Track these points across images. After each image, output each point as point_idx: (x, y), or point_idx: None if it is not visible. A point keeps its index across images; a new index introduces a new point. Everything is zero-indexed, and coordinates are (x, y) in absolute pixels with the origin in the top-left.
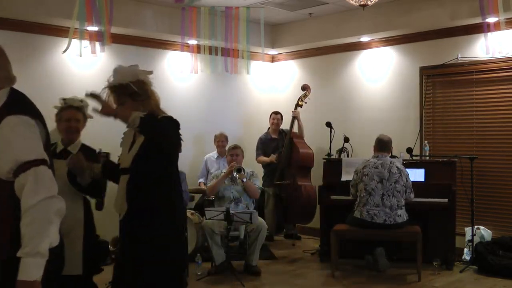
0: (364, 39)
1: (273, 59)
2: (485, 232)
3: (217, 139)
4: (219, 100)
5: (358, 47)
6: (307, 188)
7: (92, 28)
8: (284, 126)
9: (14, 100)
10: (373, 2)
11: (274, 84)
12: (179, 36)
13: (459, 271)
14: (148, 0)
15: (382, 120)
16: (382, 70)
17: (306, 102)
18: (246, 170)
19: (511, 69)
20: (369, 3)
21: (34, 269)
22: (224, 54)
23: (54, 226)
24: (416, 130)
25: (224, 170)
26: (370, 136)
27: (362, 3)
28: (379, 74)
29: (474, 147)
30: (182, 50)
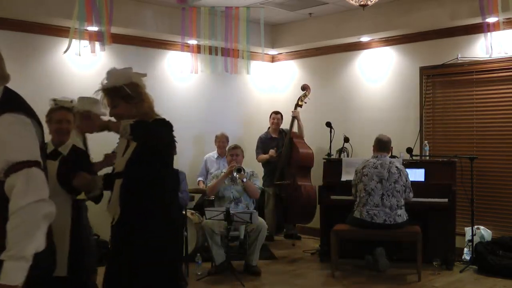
0: (364, 39)
1: (273, 59)
2: (485, 232)
3: (218, 140)
4: (219, 100)
5: (358, 47)
6: (307, 188)
7: (92, 28)
8: (284, 126)
9: (8, 98)
10: (373, 2)
11: (274, 84)
12: (179, 36)
13: (459, 271)
14: (148, 0)
15: (382, 120)
16: (382, 70)
17: (306, 102)
18: (246, 170)
19: (511, 69)
20: (369, 3)
21: (17, 273)
22: (224, 54)
23: (41, 230)
24: (416, 130)
25: (224, 170)
26: (370, 136)
27: (362, 3)
28: (379, 74)
29: (474, 147)
30: (182, 50)
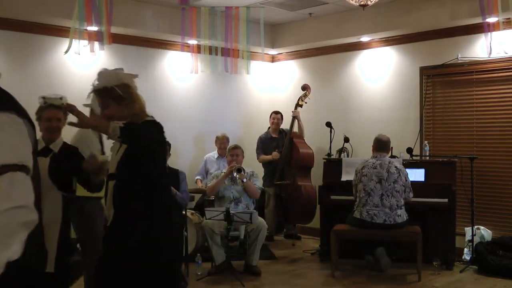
0: (364, 39)
1: (273, 59)
2: (485, 232)
3: (219, 141)
4: (219, 100)
5: (358, 47)
6: (307, 188)
7: (92, 28)
8: (284, 126)
9: None
10: (373, 2)
11: (274, 84)
12: (179, 36)
13: (459, 271)
14: (148, 0)
15: (382, 120)
16: (382, 70)
17: (306, 102)
18: (246, 170)
19: (511, 69)
20: (369, 3)
21: None
22: (224, 54)
23: (19, 238)
24: (416, 130)
25: (224, 170)
26: (370, 136)
27: (362, 3)
28: (379, 74)
29: (474, 147)
30: (182, 50)
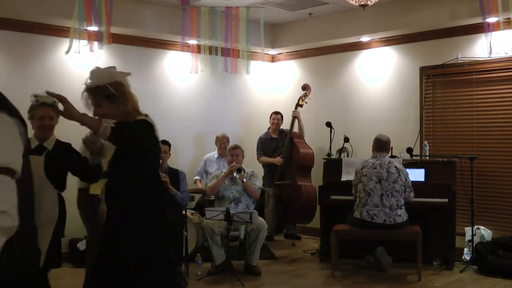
0: (364, 39)
1: (273, 59)
2: (485, 232)
3: (219, 141)
4: (219, 100)
5: (358, 47)
6: (307, 188)
7: (92, 28)
8: (284, 126)
9: None
10: (373, 2)
11: (274, 84)
12: (179, 36)
13: (459, 271)
14: (148, 0)
15: (382, 120)
16: (382, 70)
17: (307, 102)
18: (246, 170)
19: (511, 69)
20: (369, 3)
21: None
22: (224, 54)
23: None
24: (416, 130)
25: (224, 170)
26: (370, 136)
27: (362, 3)
28: (379, 74)
29: (474, 147)
30: (182, 50)
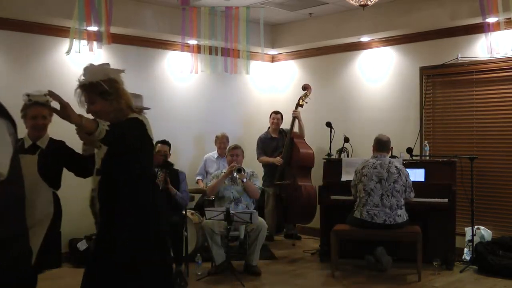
0: (364, 39)
1: (273, 59)
2: (485, 232)
3: (218, 140)
4: (219, 100)
5: (358, 47)
6: (307, 188)
7: (92, 28)
8: (284, 126)
9: None
10: (373, 2)
11: (274, 84)
12: (179, 36)
13: (459, 271)
14: (148, 0)
15: (382, 120)
16: (382, 70)
17: (307, 102)
18: (246, 170)
19: (511, 69)
20: (369, 3)
21: None
22: (224, 54)
23: None
24: (416, 130)
25: (224, 170)
26: (370, 136)
27: (362, 3)
28: (379, 74)
29: (474, 147)
30: (182, 50)
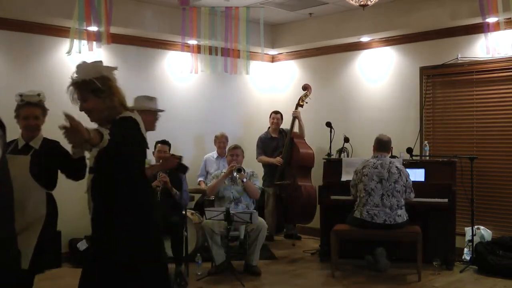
0: (364, 39)
1: (273, 59)
2: (485, 232)
3: (218, 140)
4: (219, 100)
5: (358, 47)
6: (307, 188)
7: (92, 28)
8: (284, 126)
9: None
10: (373, 2)
11: (274, 84)
12: (179, 36)
13: (459, 271)
14: (148, 0)
15: (382, 120)
16: (382, 70)
17: (307, 102)
18: (246, 170)
19: (511, 69)
20: (369, 3)
21: None
22: (224, 54)
23: None
24: (416, 130)
25: (224, 170)
26: (370, 136)
27: (362, 3)
28: (379, 74)
29: (474, 147)
30: (182, 50)
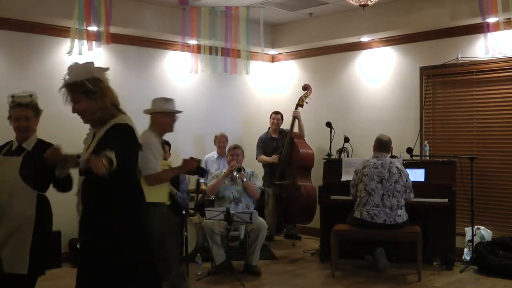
0: (364, 39)
1: (273, 59)
2: (485, 232)
3: (217, 140)
4: (219, 100)
5: (358, 47)
6: (307, 188)
7: (92, 28)
8: (284, 126)
9: None
10: (373, 2)
11: (274, 84)
12: (180, 36)
13: (459, 271)
14: (148, 0)
15: (382, 120)
16: (382, 70)
17: (307, 102)
18: (246, 170)
19: (511, 69)
20: (369, 3)
21: None
22: (224, 54)
23: None
24: (416, 130)
25: (224, 170)
26: (370, 136)
27: (362, 3)
28: (379, 74)
29: (474, 147)
30: (182, 50)
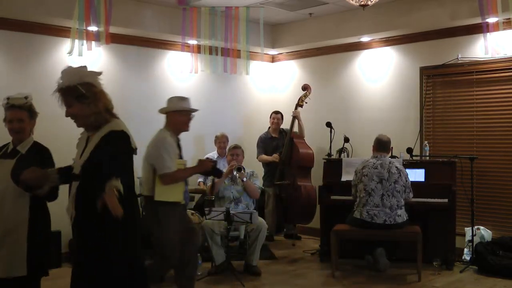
0: (364, 39)
1: (273, 59)
2: (485, 232)
3: (218, 140)
4: (219, 100)
5: (358, 47)
6: (307, 188)
7: (92, 28)
8: (284, 126)
9: None
10: (373, 2)
11: (274, 84)
12: (180, 36)
13: (459, 271)
14: (148, 0)
15: (382, 120)
16: (382, 70)
17: (307, 102)
18: (246, 170)
19: (511, 69)
20: (369, 3)
21: None
22: (224, 54)
23: None
24: (416, 130)
25: (224, 170)
26: (370, 136)
27: (362, 3)
28: (379, 74)
29: (474, 147)
30: (182, 50)
